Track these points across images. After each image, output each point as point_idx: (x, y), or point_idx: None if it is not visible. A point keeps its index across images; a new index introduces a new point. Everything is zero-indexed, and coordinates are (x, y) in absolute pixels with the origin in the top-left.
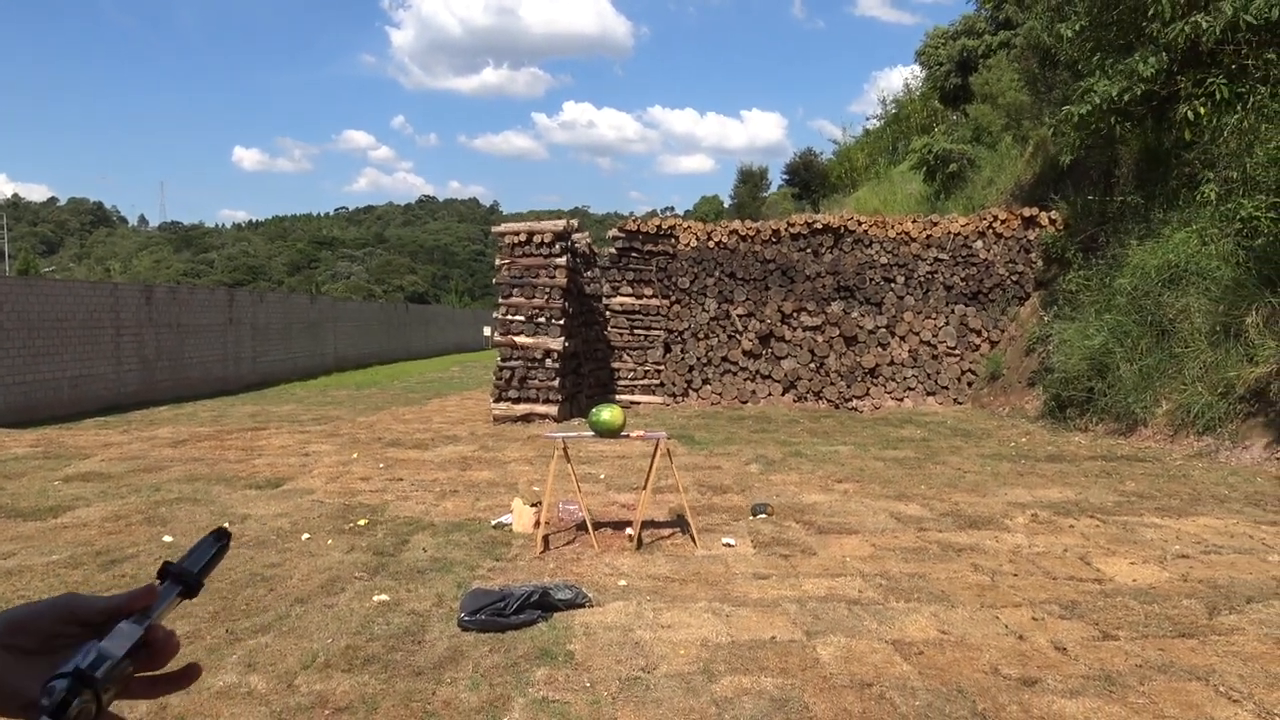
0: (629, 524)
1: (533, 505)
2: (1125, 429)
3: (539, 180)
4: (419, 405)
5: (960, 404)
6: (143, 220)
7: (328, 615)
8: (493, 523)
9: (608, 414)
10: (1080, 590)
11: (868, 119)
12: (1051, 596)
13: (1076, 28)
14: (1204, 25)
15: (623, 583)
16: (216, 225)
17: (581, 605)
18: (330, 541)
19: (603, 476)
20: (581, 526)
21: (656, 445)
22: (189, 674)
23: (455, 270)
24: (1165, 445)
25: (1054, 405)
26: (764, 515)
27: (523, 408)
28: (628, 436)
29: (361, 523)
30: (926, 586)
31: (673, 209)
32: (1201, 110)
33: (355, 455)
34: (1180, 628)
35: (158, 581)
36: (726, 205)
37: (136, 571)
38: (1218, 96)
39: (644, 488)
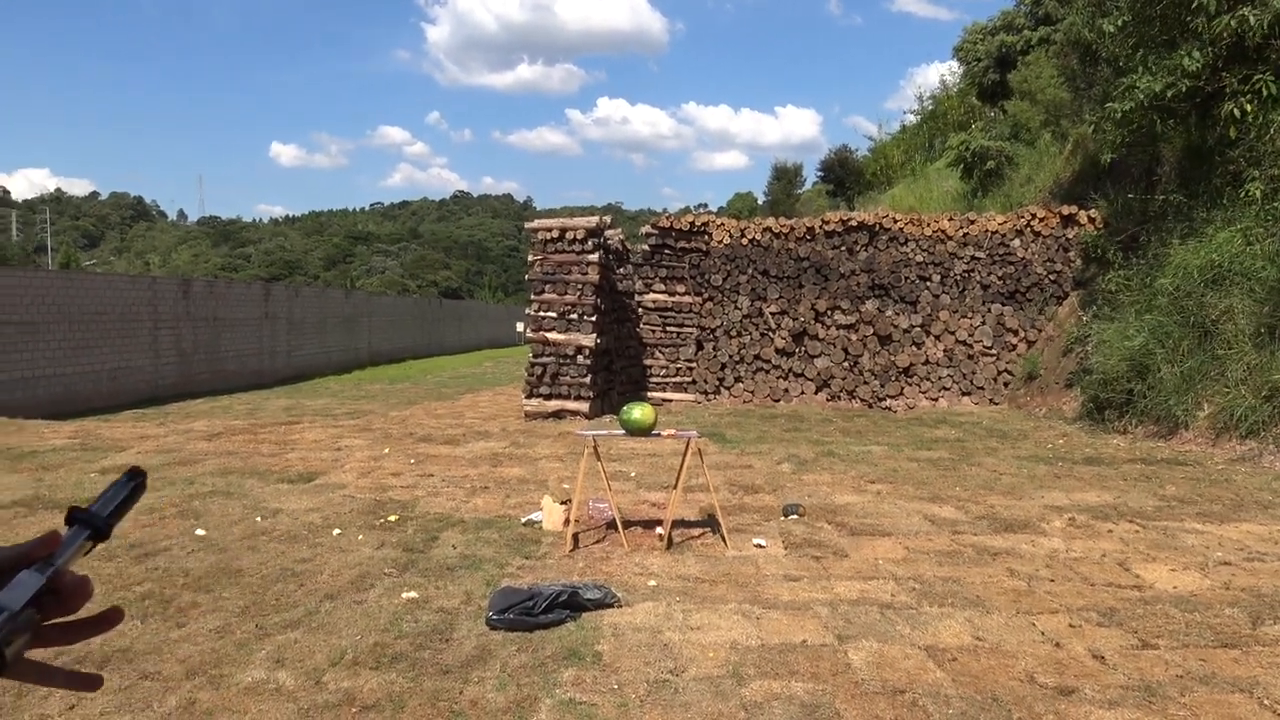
0: (659, 523)
1: (563, 503)
2: (1165, 432)
3: (572, 176)
4: (451, 400)
5: (996, 404)
6: (181, 215)
7: (357, 612)
8: (523, 520)
9: (639, 412)
10: (1119, 597)
11: (905, 114)
12: (1090, 603)
13: (1119, 23)
14: (1251, 20)
15: (652, 583)
16: (254, 220)
17: (610, 605)
18: (361, 537)
19: (633, 474)
20: (611, 525)
21: (688, 444)
22: (109, 618)
23: (489, 266)
24: (1207, 449)
25: (1092, 407)
26: (796, 516)
27: (554, 404)
28: (659, 435)
29: (392, 518)
30: (961, 591)
31: (706, 205)
32: (1248, 107)
33: (387, 450)
34: (1223, 637)
35: (65, 528)
36: (760, 202)
37: (169, 565)
38: (1264, 93)
39: (674, 487)
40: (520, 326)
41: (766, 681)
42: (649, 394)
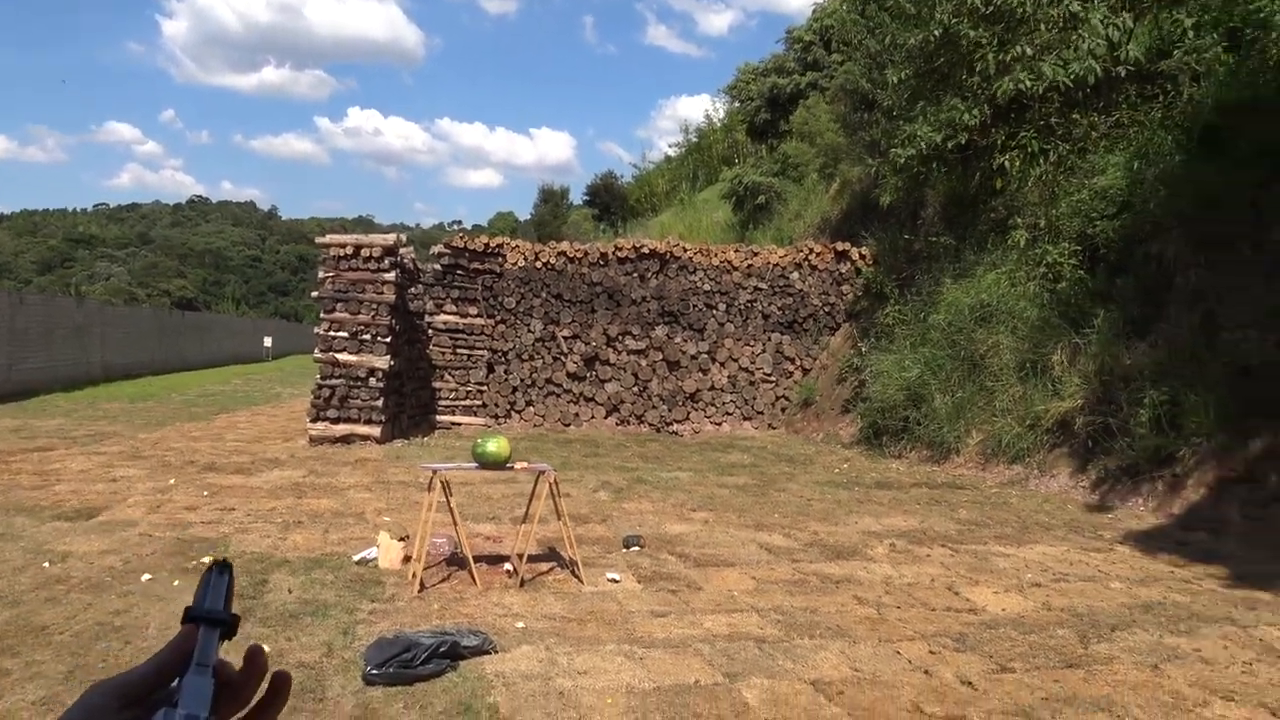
0: (502, 559)
1: (400, 539)
2: (939, 457)
3: (321, 186)
4: (206, 421)
5: (774, 429)
6: None
7: None
8: (355, 558)
9: (494, 445)
10: (962, 621)
11: (670, 146)
12: (939, 629)
13: (901, 75)
14: (1027, 85)
15: (520, 625)
16: None
17: (488, 652)
18: (177, 583)
19: (451, 504)
20: (452, 561)
21: (538, 478)
22: (279, 687)
23: (229, 276)
24: (977, 473)
25: (870, 432)
26: (637, 548)
27: (343, 428)
28: (512, 468)
29: (206, 560)
30: (822, 621)
31: (460, 222)
32: (1016, 162)
33: (173, 481)
34: (1064, 658)
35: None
36: (521, 221)
37: None
38: (1029, 150)
39: (524, 521)
40: (268, 341)
41: None
42: (438, 417)
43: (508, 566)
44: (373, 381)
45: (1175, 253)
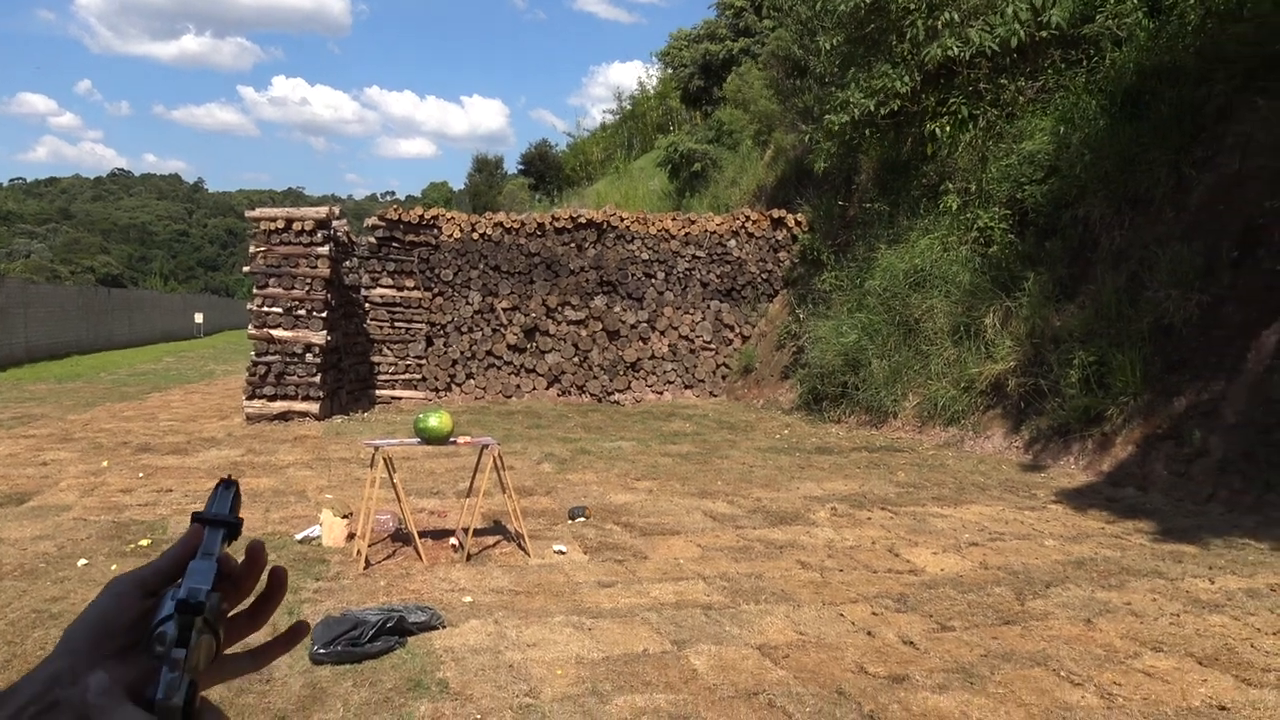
0: (447, 534)
1: (344, 517)
2: (877, 421)
3: (248, 158)
4: (138, 401)
5: (715, 396)
6: None
7: None
8: (297, 537)
9: (435, 420)
10: (902, 583)
11: (604, 113)
12: (880, 590)
13: (833, 41)
14: (955, 50)
15: (467, 599)
16: None
17: (436, 627)
18: (115, 567)
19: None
20: (397, 538)
21: (481, 451)
22: (297, 631)
23: (155, 251)
24: (915, 436)
25: (810, 398)
26: (583, 519)
27: (280, 405)
28: (455, 443)
29: (144, 543)
30: (767, 587)
31: (393, 193)
32: (946, 127)
33: (106, 464)
34: (1001, 615)
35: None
36: (456, 191)
37: None
38: (959, 115)
39: (469, 495)
40: (199, 318)
41: (628, 696)
42: (378, 391)
43: (453, 541)
44: (309, 357)
45: (1100, 215)
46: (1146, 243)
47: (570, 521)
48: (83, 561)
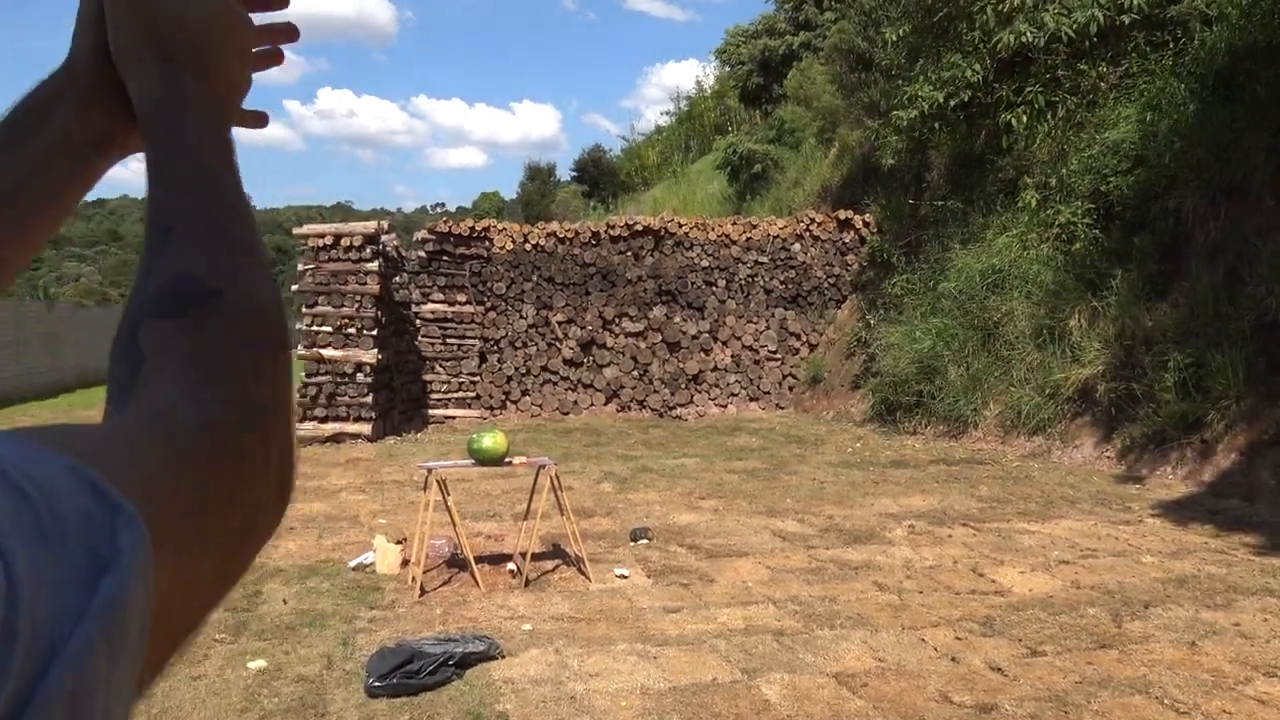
0: (505, 558)
1: (398, 542)
2: (956, 431)
3: (295, 173)
4: None
5: (783, 409)
6: None
7: (200, 689)
8: (351, 564)
9: (490, 440)
10: (988, 605)
11: (661, 114)
12: (964, 613)
13: (900, 32)
14: (1030, 36)
15: (526, 627)
16: None
17: (495, 657)
18: None
19: (449, 503)
20: (452, 563)
21: (538, 472)
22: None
23: None
24: (997, 447)
25: (882, 409)
26: (645, 541)
27: (331, 427)
28: (510, 464)
29: None
30: (842, 610)
31: (443, 205)
32: (1023, 118)
33: None
34: (1097, 639)
35: None
36: (507, 200)
37: None
38: (1035, 105)
39: (526, 518)
40: None
41: None
42: (430, 411)
43: (511, 566)
44: (360, 377)
45: (1193, 206)
46: (1245, 234)
47: (632, 544)
48: None
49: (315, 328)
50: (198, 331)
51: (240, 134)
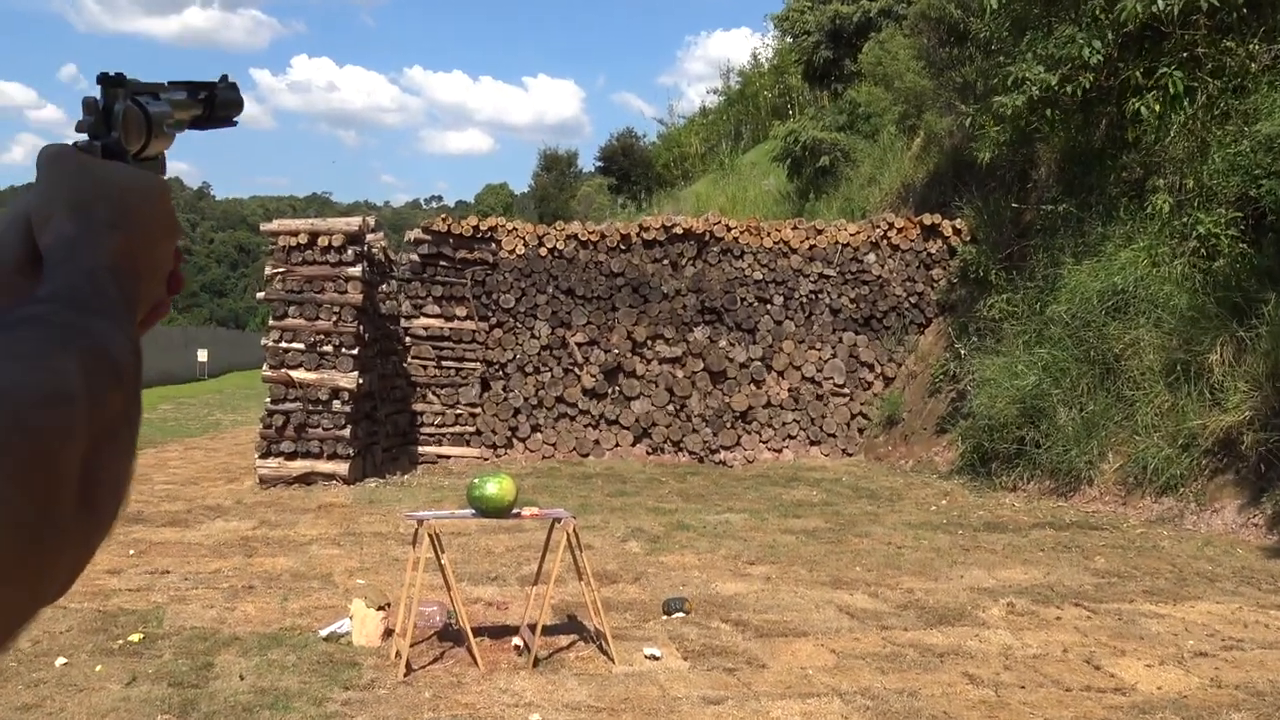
0: (509, 631)
1: (379, 609)
2: (1066, 488)
3: (262, 157)
4: None
5: (850, 455)
6: None
7: None
8: (322, 633)
9: (495, 487)
10: (1105, 705)
11: (706, 94)
12: (1076, 714)
13: None
14: (1162, 5)
15: (535, 717)
16: None
17: None
18: (99, 668)
19: (443, 562)
20: (446, 636)
21: (551, 527)
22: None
23: None
24: (1117, 509)
25: (975, 458)
26: (682, 614)
27: (300, 465)
28: (518, 515)
29: (135, 638)
30: (924, 708)
31: (440, 199)
32: (1154, 106)
33: None
34: None
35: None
36: (518, 195)
37: None
38: (1170, 89)
39: (536, 583)
40: (203, 355)
41: None
42: (420, 448)
43: (517, 641)
44: (337, 405)
45: None
46: None
47: (666, 617)
48: (61, 660)
49: (284, 344)
50: None
51: None
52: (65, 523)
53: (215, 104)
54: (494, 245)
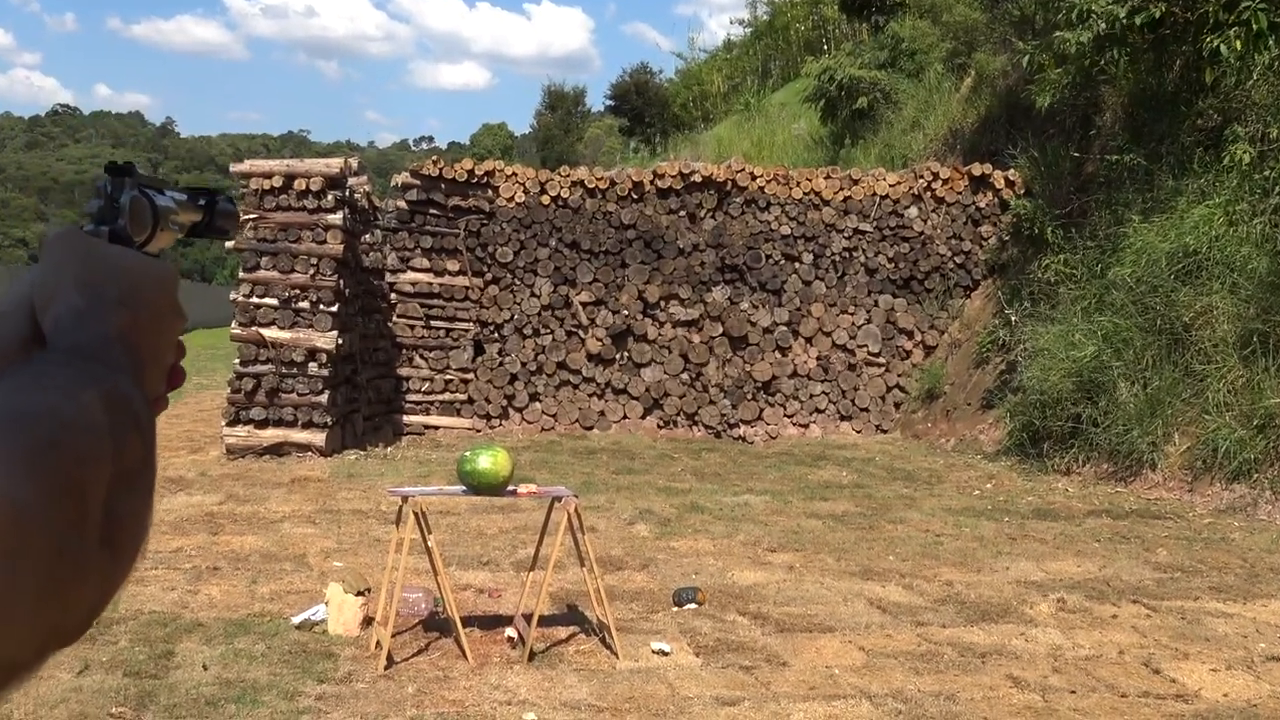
0: (503, 621)
1: (358, 594)
2: (1126, 472)
3: (233, 89)
4: None
5: (885, 432)
6: None
7: None
8: (295, 620)
9: (488, 460)
10: (1167, 714)
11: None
12: None
13: None
14: None
15: (529, 716)
16: None
17: None
18: (66, 677)
19: (430, 544)
20: (432, 625)
21: (550, 506)
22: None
23: None
24: (1183, 495)
25: (1024, 437)
26: (693, 605)
27: (271, 434)
28: (514, 493)
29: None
30: (963, 712)
31: (431, 140)
32: (1235, 44)
33: None
34: None
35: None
36: (519, 136)
37: None
38: (1254, 26)
39: (533, 568)
40: None
41: None
42: (405, 417)
43: (510, 632)
44: (313, 368)
45: None
46: None
47: (676, 609)
48: None
49: (255, 299)
50: None
51: (165, 36)
52: (89, 554)
53: (215, 213)
54: (491, 192)
